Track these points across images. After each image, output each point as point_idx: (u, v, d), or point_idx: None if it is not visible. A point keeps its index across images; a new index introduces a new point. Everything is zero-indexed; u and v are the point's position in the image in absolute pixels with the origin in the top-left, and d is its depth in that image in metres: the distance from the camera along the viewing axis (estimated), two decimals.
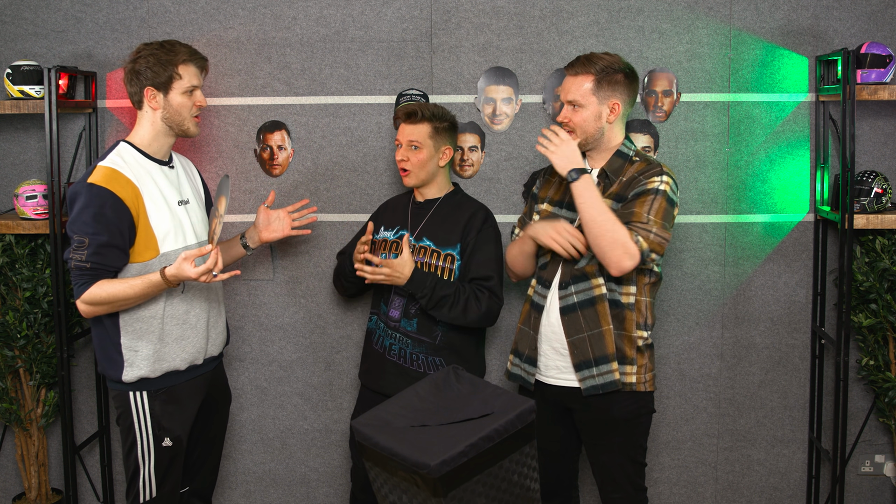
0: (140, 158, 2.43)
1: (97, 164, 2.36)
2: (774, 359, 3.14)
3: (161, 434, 2.45)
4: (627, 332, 2.46)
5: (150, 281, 2.34)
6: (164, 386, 2.45)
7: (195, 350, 2.51)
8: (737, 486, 3.21)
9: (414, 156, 2.70)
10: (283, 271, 3.15)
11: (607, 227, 2.34)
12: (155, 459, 2.45)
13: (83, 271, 2.30)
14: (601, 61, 2.46)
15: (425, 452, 2.01)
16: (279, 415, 3.23)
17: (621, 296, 2.46)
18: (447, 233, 2.72)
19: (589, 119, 2.47)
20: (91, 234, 2.28)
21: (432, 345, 2.69)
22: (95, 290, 2.31)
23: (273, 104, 3.09)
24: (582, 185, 2.38)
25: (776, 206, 3.07)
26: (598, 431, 2.52)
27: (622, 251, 2.33)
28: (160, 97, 2.43)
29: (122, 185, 2.32)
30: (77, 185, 2.34)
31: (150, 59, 2.41)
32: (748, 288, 3.11)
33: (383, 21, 3.05)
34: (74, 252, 2.29)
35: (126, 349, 2.40)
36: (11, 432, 3.23)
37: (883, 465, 3.18)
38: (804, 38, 3.01)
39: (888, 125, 3.05)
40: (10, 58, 3.06)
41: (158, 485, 2.47)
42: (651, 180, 2.40)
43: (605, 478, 2.55)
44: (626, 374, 2.46)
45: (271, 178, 3.11)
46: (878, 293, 2.91)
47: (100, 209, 2.29)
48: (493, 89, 3.06)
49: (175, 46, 2.44)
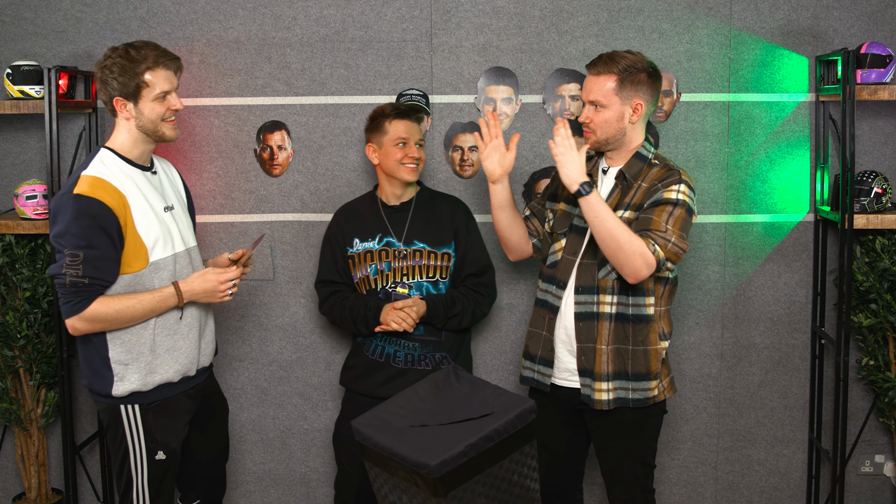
0: (123, 165, 2.31)
1: (80, 174, 2.23)
2: (774, 359, 3.14)
3: (154, 447, 2.35)
4: (652, 346, 2.42)
5: (162, 295, 2.27)
6: (157, 399, 2.36)
7: (188, 361, 2.40)
8: (737, 486, 3.21)
9: (417, 153, 2.68)
10: (283, 271, 3.15)
11: (624, 238, 2.28)
12: (148, 473, 2.35)
13: (80, 287, 2.17)
14: (624, 60, 2.37)
15: (425, 452, 2.01)
16: (279, 415, 3.23)
17: (644, 307, 2.41)
18: (438, 231, 2.71)
19: (611, 120, 2.40)
20: (84, 248, 2.16)
21: (438, 342, 2.72)
22: (98, 307, 2.19)
23: (273, 104, 3.09)
24: (594, 200, 2.30)
25: (776, 206, 3.08)
26: (608, 433, 2.49)
27: (641, 261, 2.29)
28: (130, 106, 2.30)
29: (108, 193, 2.21)
30: (62, 196, 2.20)
31: (115, 69, 2.27)
32: (748, 288, 3.11)
33: (383, 21, 3.05)
34: (69, 267, 2.15)
35: (115, 363, 2.29)
36: (11, 432, 3.24)
37: (883, 465, 3.18)
38: (804, 38, 3.01)
39: (888, 125, 3.05)
40: (10, 58, 3.06)
41: (152, 498, 2.37)
42: (669, 189, 2.35)
43: (614, 479, 2.53)
44: (650, 390, 2.42)
45: (271, 178, 3.11)
46: (878, 293, 2.91)
47: (91, 220, 2.17)
48: (493, 89, 3.06)
49: (141, 51, 2.28)
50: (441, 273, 2.71)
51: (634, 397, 2.42)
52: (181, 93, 3.04)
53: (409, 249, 2.70)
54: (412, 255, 2.70)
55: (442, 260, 2.71)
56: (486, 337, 3.16)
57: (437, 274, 2.71)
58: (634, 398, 2.42)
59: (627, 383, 2.42)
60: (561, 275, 2.50)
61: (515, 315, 3.14)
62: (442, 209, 2.75)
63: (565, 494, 2.69)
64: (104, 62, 2.29)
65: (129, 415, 2.33)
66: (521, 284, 3.13)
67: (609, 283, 2.40)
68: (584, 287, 2.43)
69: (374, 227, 2.74)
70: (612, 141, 2.43)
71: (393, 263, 2.70)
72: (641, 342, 2.41)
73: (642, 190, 2.40)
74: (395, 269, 2.70)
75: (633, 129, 2.43)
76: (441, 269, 2.71)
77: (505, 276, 3.12)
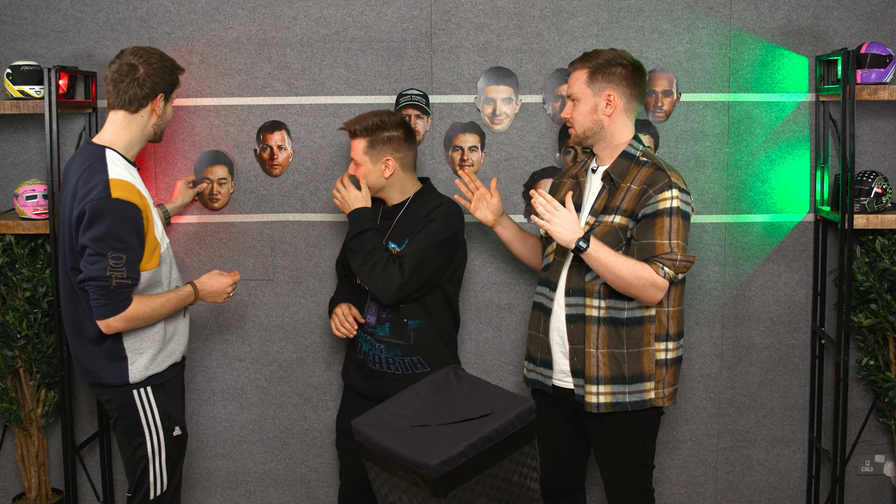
0: (127, 165, 2.38)
1: (107, 178, 2.28)
2: (774, 359, 3.14)
3: (171, 424, 2.47)
4: (646, 347, 2.42)
5: (184, 294, 2.45)
6: (168, 378, 2.48)
7: (186, 341, 2.57)
8: (737, 486, 3.21)
9: (358, 171, 2.67)
10: (283, 271, 3.15)
11: (631, 276, 2.32)
12: (166, 451, 2.46)
13: (124, 288, 2.28)
14: (600, 56, 2.44)
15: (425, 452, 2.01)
16: (279, 415, 3.23)
17: (642, 310, 2.41)
18: (408, 232, 2.66)
19: (585, 112, 2.45)
20: (127, 250, 2.26)
21: (407, 346, 2.67)
22: (138, 306, 2.31)
23: (273, 104, 3.09)
24: (593, 252, 2.32)
25: (776, 206, 3.08)
26: (604, 433, 2.50)
27: (653, 290, 2.34)
28: (162, 103, 2.42)
29: (137, 196, 2.31)
30: (99, 201, 2.25)
31: (163, 65, 2.40)
32: (748, 288, 3.11)
33: (383, 21, 3.05)
34: (113, 270, 2.25)
35: (130, 351, 2.39)
36: (11, 432, 3.24)
37: (883, 465, 3.18)
38: (804, 38, 3.01)
39: (888, 125, 3.05)
40: (10, 58, 3.06)
41: (169, 476, 2.48)
42: (662, 197, 2.34)
43: (610, 478, 2.54)
44: (646, 391, 2.43)
45: (271, 178, 3.11)
46: (878, 293, 2.91)
47: (130, 223, 2.27)
48: (493, 89, 3.06)
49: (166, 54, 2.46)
50: None
51: (632, 400, 2.43)
52: (181, 92, 3.06)
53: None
54: None
55: None
56: (486, 337, 3.16)
57: None
58: (632, 401, 2.43)
59: (624, 387, 2.42)
60: (553, 277, 2.52)
61: (515, 315, 3.14)
62: (423, 211, 2.67)
63: (567, 494, 2.69)
64: (148, 57, 2.39)
65: (144, 398, 2.43)
66: (521, 285, 3.13)
67: (596, 287, 2.41)
68: (574, 289, 2.45)
69: None
70: (591, 134, 2.47)
71: None
72: (635, 344, 2.42)
73: (632, 193, 2.40)
74: None
75: (613, 123, 2.45)
76: None
77: (505, 276, 3.12)
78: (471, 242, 3.09)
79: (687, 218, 2.38)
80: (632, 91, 2.44)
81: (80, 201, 2.28)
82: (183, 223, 3.12)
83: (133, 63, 2.38)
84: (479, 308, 3.14)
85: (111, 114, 2.42)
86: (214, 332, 3.18)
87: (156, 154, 3.08)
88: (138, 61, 2.38)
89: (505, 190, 3.08)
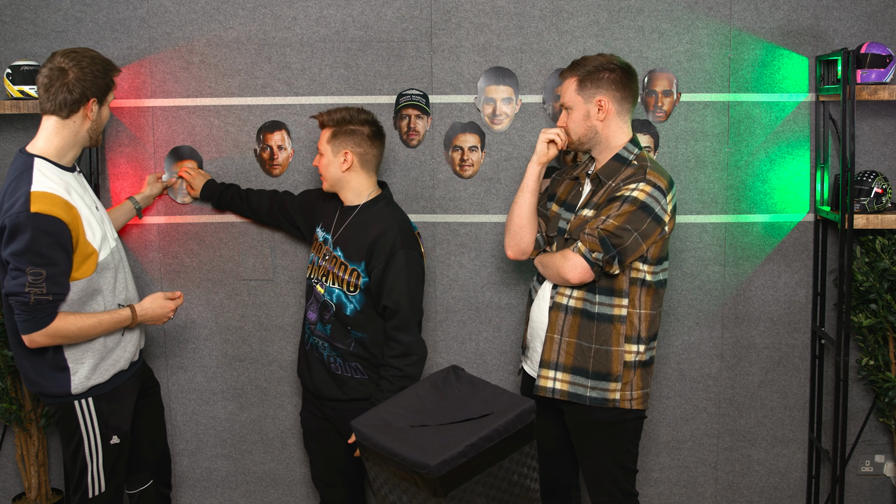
0: (59, 172, 2.31)
1: (29, 191, 2.21)
2: (774, 359, 3.14)
3: (108, 433, 2.44)
4: (613, 347, 2.42)
5: (119, 317, 2.39)
6: (112, 388, 2.45)
7: (134, 348, 2.52)
8: (737, 486, 3.21)
9: (320, 162, 2.69)
10: (283, 271, 3.15)
11: (549, 260, 2.45)
12: (104, 458, 2.45)
13: (44, 304, 2.22)
14: (589, 62, 2.45)
15: (425, 452, 2.01)
16: (279, 415, 3.23)
17: (612, 308, 2.41)
18: (355, 248, 2.63)
19: (578, 119, 2.47)
20: (47, 265, 2.20)
21: (347, 351, 2.65)
22: (61, 323, 2.26)
23: (273, 104, 3.09)
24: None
25: (776, 206, 3.08)
26: (582, 433, 2.50)
27: (562, 260, 2.39)
28: (96, 107, 2.34)
29: (61, 208, 2.22)
30: (17, 215, 2.19)
31: (95, 68, 2.31)
32: (748, 288, 3.11)
33: (383, 21, 3.05)
34: (32, 286, 2.19)
35: (72, 362, 2.35)
36: (11, 432, 3.23)
37: (883, 465, 3.18)
38: (804, 38, 3.01)
39: (888, 125, 3.05)
40: (10, 58, 3.06)
41: (107, 480, 2.47)
42: (627, 187, 2.36)
43: (592, 481, 2.54)
44: (610, 391, 2.42)
45: (271, 178, 3.11)
46: (878, 293, 2.91)
47: (50, 238, 2.19)
48: (493, 89, 3.06)
49: (101, 56, 2.36)
50: (349, 287, 2.63)
51: (592, 395, 2.43)
52: (181, 92, 3.06)
53: (332, 253, 2.69)
54: (331, 260, 2.69)
55: (351, 276, 2.62)
56: (486, 337, 3.16)
57: (346, 287, 2.64)
58: (592, 396, 2.43)
59: (586, 380, 2.43)
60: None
61: (515, 315, 3.14)
62: (370, 228, 2.62)
63: (559, 491, 2.69)
64: (79, 59, 2.30)
65: (84, 408, 2.41)
66: (521, 285, 3.13)
67: None
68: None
69: (328, 221, 2.77)
70: (586, 140, 2.49)
71: (320, 260, 2.73)
72: (604, 342, 2.42)
73: (609, 189, 2.42)
74: (320, 266, 2.73)
75: (607, 128, 2.46)
76: (349, 284, 2.63)
77: (505, 276, 3.12)
78: (470, 243, 3.09)
79: (646, 210, 2.33)
80: (622, 94, 2.45)
81: (3, 214, 2.22)
82: (183, 223, 3.12)
83: (63, 67, 2.29)
84: (479, 308, 3.14)
85: (44, 119, 2.34)
86: (214, 332, 3.18)
87: (156, 154, 3.08)
88: (68, 65, 2.29)
89: (505, 190, 3.09)
